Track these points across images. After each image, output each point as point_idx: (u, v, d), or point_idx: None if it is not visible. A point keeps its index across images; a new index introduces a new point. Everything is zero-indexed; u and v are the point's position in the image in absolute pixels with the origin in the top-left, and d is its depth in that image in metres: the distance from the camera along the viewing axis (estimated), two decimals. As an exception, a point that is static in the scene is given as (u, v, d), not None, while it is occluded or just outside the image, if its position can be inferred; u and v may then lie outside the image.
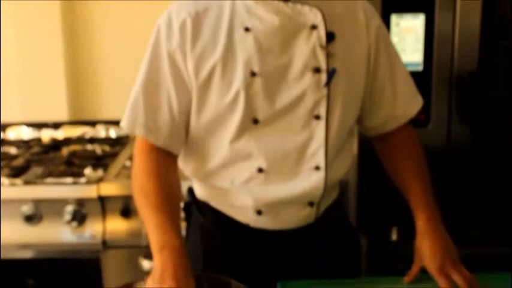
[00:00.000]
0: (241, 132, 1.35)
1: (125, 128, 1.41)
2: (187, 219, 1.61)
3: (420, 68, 2.07)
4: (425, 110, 2.05)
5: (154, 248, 1.26)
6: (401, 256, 2.17)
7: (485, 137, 2.14)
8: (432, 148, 1.90)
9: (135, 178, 1.39)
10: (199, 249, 1.53)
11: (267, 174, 1.38)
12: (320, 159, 1.38)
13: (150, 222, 1.30)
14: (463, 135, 2.13)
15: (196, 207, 1.56)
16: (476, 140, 2.14)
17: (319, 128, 1.37)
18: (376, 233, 2.25)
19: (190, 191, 1.58)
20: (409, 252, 1.67)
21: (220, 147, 1.38)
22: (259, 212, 1.43)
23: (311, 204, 1.44)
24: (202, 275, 1.29)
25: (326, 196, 1.46)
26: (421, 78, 1.84)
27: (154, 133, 1.38)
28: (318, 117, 1.37)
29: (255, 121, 1.35)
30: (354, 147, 1.52)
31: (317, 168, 1.39)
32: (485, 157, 2.17)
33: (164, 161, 1.40)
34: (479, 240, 2.21)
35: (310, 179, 1.39)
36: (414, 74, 1.56)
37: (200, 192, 1.53)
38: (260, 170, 1.37)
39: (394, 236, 2.26)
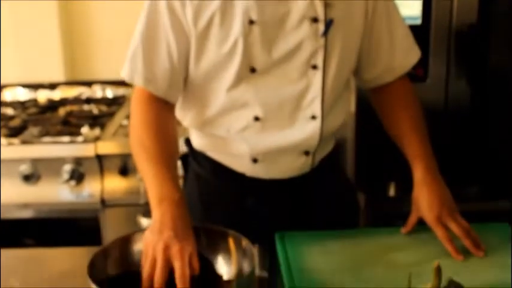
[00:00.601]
0: (238, 80, 1.35)
1: (125, 78, 1.41)
2: (185, 170, 1.62)
3: (418, 22, 2.05)
4: (423, 64, 2.04)
5: (153, 201, 1.26)
6: (399, 211, 2.19)
7: (484, 92, 2.14)
8: (430, 103, 1.89)
9: (133, 130, 1.38)
10: (197, 200, 1.53)
11: (263, 123, 1.38)
12: (316, 108, 1.38)
13: (148, 175, 1.30)
14: (461, 90, 2.12)
15: (193, 157, 1.56)
16: (474, 95, 2.13)
17: (316, 77, 1.37)
18: (374, 189, 2.26)
19: (188, 141, 1.58)
20: (407, 208, 1.67)
21: (217, 95, 1.38)
22: (255, 160, 1.43)
23: (307, 153, 1.45)
24: (199, 227, 1.29)
25: (322, 146, 1.46)
26: (419, 32, 1.82)
27: (153, 83, 1.38)
28: (315, 67, 1.36)
29: (252, 70, 1.34)
30: (350, 100, 1.51)
31: (313, 117, 1.39)
32: (483, 113, 2.16)
33: (162, 111, 1.39)
34: (478, 196, 2.22)
35: (306, 128, 1.40)
36: (412, 28, 1.55)
37: (197, 142, 1.53)
38: (256, 119, 1.38)
39: (391, 192, 2.27)
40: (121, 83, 2.92)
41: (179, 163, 1.65)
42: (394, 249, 1.40)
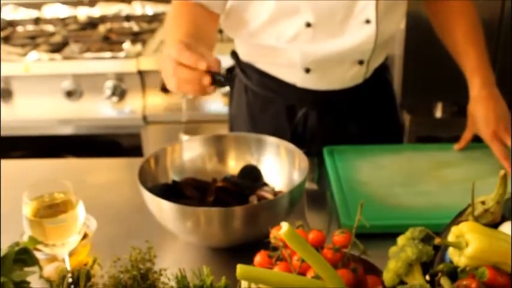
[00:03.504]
0: None
1: None
2: (230, 84, 1.58)
3: None
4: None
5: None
6: (445, 134, 2.14)
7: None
8: (485, 19, 1.80)
9: (166, 24, 1.31)
10: (245, 112, 1.51)
11: (315, 29, 1.32)
12: (370, 12, 1.31)
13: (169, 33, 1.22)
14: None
15: (240, 69, 1.51)
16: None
17: None
18: (420, 109, 2.21)
19: (234, 54, 1.53)
20: (453, 129, 1.63)
21: (266, 3, 1.31)
22: (307, 70, 1.38)
23: (361, 62, 1.39)
24: (251, 136, 1.27)
25: (376, 54, 1.40)
26: None
27: None
28: None
29: None
30: (404, 6, 1.43)
31: (367, 21, 1.32)
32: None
33: (200, 14, 1.30)
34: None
35: (360, 33, 1.33)
36: None
37: (244, 54, 1.49)
38: (308, 25, 1.31)
39: (438, 113, 2.22)
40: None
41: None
42: (447, 165, 1.37)
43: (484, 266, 0.79)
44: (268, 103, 1.48)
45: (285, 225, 0.77)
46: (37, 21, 2.83)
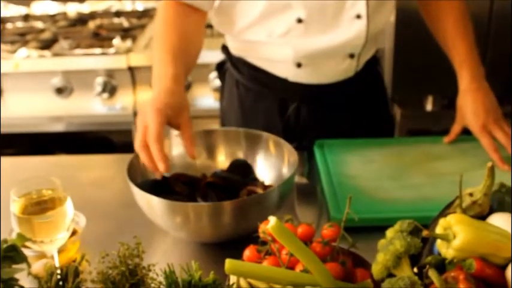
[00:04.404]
0: None
1: None
2: (221, 78, 1.58)
3: None
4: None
5: (154, 81, 1.20)
6: (436, 127, 2.15)
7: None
8: (474, 13, 1.81)
9: (155, 31, 1.31)
10: (236, 106, 1.51)
11: (307, 25, 1.32)
12: (361, 7, 1.32)
13: (156, 60, 1.23)
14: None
15: (231, 63, 1.51)
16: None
17: None
18: (411, 103, 2.22)
19: (225, 48, 1.53)
20: (444, 122, 1.63)
21: (257, 1, 1.31)
22: (299, 65, 1.38)
23: (351, 56, 1.40)
24: (240, 130, 1.27)
25: (367, 47, 1.40)
26: None
27: None
28: None
29: None
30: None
31: (358, 16, 1.33)
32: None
33: (186, 14, 1.31)
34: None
35: (351, 28, 1.34)
36: None
37: (235, 48, 1.48)
38: (299, 21, 1.31)
39: (429, 106, 2.22)
40: (151, -5, 2.87)
41: (215, 74, 1.60)
42: (436, 158, 1.37)
43: (472, 257, 0.79)
44: (259, 97, 1.48)
45: (272, 220, 0.77)
46: (26, 17, 2.82)
